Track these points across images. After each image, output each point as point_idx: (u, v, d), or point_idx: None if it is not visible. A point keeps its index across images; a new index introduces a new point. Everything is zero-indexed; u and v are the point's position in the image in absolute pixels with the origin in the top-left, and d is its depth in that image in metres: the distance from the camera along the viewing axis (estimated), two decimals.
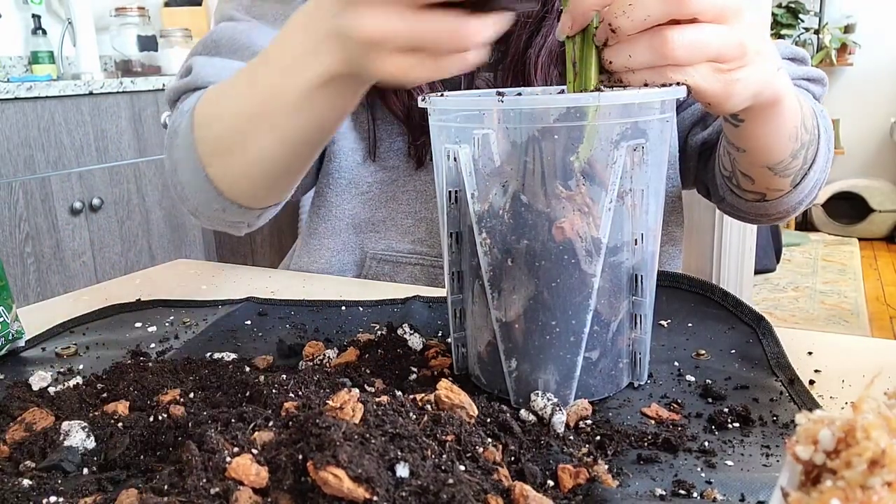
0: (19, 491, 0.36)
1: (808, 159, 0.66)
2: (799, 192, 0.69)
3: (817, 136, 0.66)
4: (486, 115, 0.43)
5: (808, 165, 0.66)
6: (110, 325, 0.63)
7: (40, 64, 2.51)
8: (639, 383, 0.48)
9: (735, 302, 0.60)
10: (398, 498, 0.30)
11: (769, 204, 0.70)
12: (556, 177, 0.42)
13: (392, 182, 0.80)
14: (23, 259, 2.00)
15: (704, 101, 0.49)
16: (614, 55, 0.46)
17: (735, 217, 0.78)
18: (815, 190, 0.71)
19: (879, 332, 2.78)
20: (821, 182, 0.71)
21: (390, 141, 0.78)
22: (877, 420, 0.23)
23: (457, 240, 0.48)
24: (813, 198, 0.72)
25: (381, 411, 0.37)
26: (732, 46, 0.46)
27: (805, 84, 0.75)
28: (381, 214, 0.80)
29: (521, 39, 0.71)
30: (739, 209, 0.75)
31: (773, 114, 0.56)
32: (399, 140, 0.78)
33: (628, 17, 0.44)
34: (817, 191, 0.72)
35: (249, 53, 0.73)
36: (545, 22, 0.71)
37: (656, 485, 0.37)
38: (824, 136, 0.68)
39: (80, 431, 0.41)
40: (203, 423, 0.39)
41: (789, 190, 0.68)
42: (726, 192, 0.74)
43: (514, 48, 0.72)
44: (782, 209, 0.71)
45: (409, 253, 0.80)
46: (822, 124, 0.68)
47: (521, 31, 0.71)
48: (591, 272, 0.43)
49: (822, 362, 0.51)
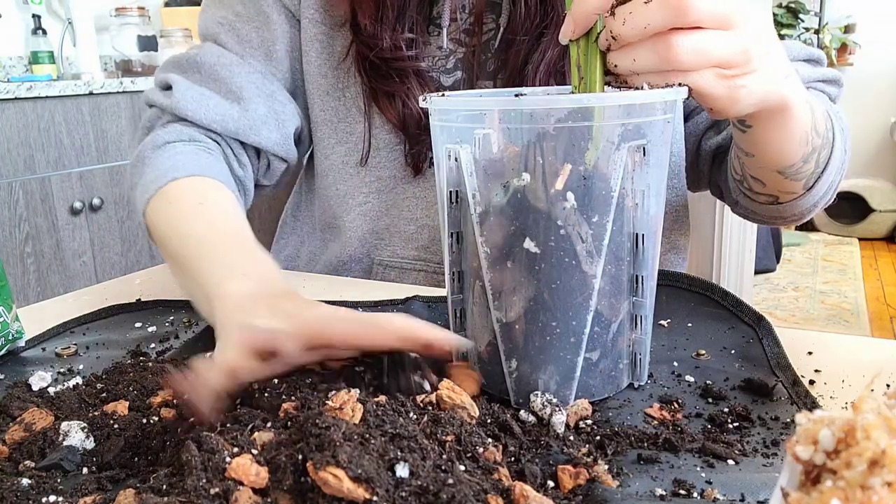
0: (19, 490, 0.36)
1: (821, 162, 0.65)
2: (813, 195, 0.68)
3: (831, 139, 0.65)
4: (488, 115, 0.43)
5: (822, 168, 0.66)
6: (110, 325, 0.63)
7: (40, 64, 2.51)
8: (639, 384, 0.48)
9: (735, 302, 0.60)
10: (398, 498, 0.30)
11: (782, 206, 0.70)
12: (557, 177, 0.42)
13: (391, 190, 0.80)
14: (23, 259, 2.00)
15: (708, 105, 0.49)
16: (619, 59, 0.46)
17: (750, 219, 0.77)
18: (830, 191, 0.70)
19: (879, 332, 2.78)
20: (836, 183, 0.70)
21: (387, 151, 0.78)
22: (877, 420, 0.23)
23: (457, 240, 0.48)
24: (829, 199, 0.71)
25: (381, 411, 0.37)
26: (737, 52, 0.46)
27: (821, 86, 0.74)
28: (384, 223, 0.81)
29: (521, 54, 0.72)
30: (753, 211, 0.74)
31: (781, 120, 0.56)
32: (397, 149, 0.78)
33: (629, 24, 0.44)
34: (833, 192, 0.71)
35: (224, 88, 0.75)
36: (544, 37, 0.71)
37: (656, 485, 0.37)
38: (839, 137, 0.67)
39: (80, 432, 0.41)
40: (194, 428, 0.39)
41: (802, 193, 0.67)
42: (739, 195, 0.73)
43: (513, 61, 0.72)
44: (797, 211, 0.71)
45: (414, 259, 0.80)
46: (838, 126, 0.67)
47: (520, 46, 0.71)
48: (591, 273, 0.43)
49: (822, 362, 0.51)
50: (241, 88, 0.75)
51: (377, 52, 0.73)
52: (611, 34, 0.45)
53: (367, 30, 0.73)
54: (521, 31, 0.71)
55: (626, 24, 0.44)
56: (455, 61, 0.76)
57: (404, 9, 0.73)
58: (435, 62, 0.76)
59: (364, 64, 0.75)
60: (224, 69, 0.76)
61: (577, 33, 0.47)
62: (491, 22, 0.74)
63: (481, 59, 0.75)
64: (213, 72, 0.76)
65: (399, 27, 0.73)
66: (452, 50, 0.75)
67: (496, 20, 0.74)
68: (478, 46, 0.75)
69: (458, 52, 0.76)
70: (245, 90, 0.75)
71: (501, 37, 0.73)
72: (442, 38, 0.74)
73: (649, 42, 0.45)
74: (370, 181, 0.80)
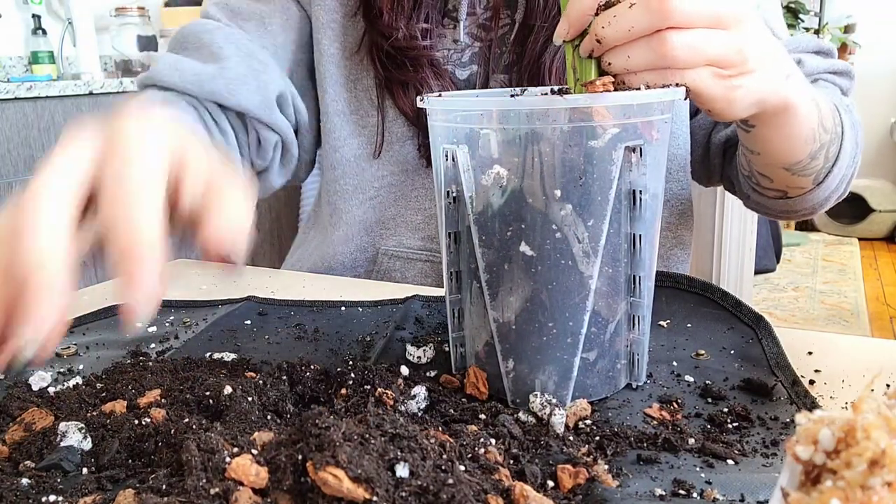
0: (18, 490, 0.36)
1: (831, 158, 0.65)
2: (824, 189, 0.68)
3: (840, 133, 0.65)
4: (485, 115, 0.43)
5: (832, 164, 0.66)
6: (110, 325, 0.63)
7: (40, 64, 2.51)
8: (637, 384, 0.48)
9: (735, 302, 0.60)
10: (398, 498, 0.30)
11: (793, 201, 0.70)
12: (554, 177, 0.42)
13: (401, 183, 0.80)
14: None
15: (705, 106, 0.49)
16: (613, 57, 0.46)
17: (762, 213, 0.78)
18: (843, 184, 0.70)
19: (879, 332, 2.78)
20: (849, 177, 0.70)
21: (400, 144, 0.78)
22: (877, 420, 0.23)
23: (455, 240, 0.48)
24: (842, 192, 0.71)
25: (381, 411, 0.37)
26: (732, 51, 0.46)
27: (831, 77, 0.74)
28: (391, 212, 0.81)
29: (538, 44, 0.72)
30: (765, 206, 0.74)
31: (784, 120, 0.56)
32: (408, 142, 0.78)
33: (613, 27, 0.44)
34: (846, 185, 0.71)
35: (205, 53, 0.73)
36: None
37: (656, 485, 0.37)
38: (850, 132, 0.67)
39: (77, 433, 0.41)
40: (184, 432, 0.39)
41: (812, 188, 0.67)
42: (749, 189, 0.74)
43: (530, 52, 0.72)
44: (808, 205, 0.71)
45: (420, 249, 0.80)
46: (848, 120, 0.67)
47: (538, 36, 0.72)
48: (588, 274, 0.43)
49: (822, 362, 0.51)
50: (221, 49, 0.73)
51: (392, 42, 0.73)
52: (595, 37, 0.45)
53: (383, 18, 0.73)
54: (538, 23, 0.72)
55: (610, 26, 0.45)
56: (471, 55, 0.76)
57: None
58: (450, 55, 0.76)
59: (378, 53, 0.75)
60: (207, 35, 0.75)
61: (572, 34, 0.47)
62: (506, 17, 0.75)
63: (496, 52, 0.75)
64: (195, 39, 0.75)
65: (415, 16, 0.74)
66: (468, 44, 0.76)
67: (511, 15, 0.74)
68: (494, 40, 0.75)
69: (475, 47, 0.76)
70: (224, 50, 0.73)
71: (518, 30, 0.74)
72: (459, 31, 0.75)
73: (643, 40, 0.45)
74: (382, 175, 0.80)
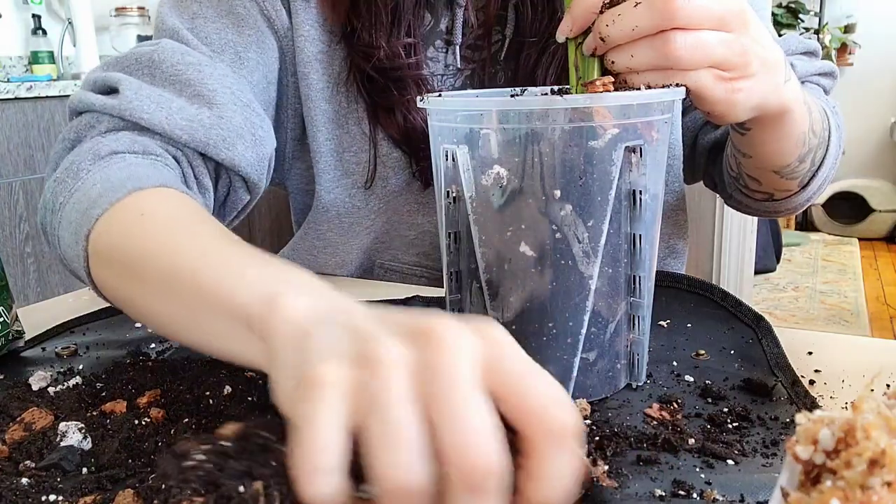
0: (18, 489, 0.36)
1: (817, 161, 0.66)
2: (807, 192, 0.70)
3: (827, 137, 0.66)
4: (485, 115, 0.43)
5: (817, 167, 0.67)
6: (110, 325, 0.63)
7: (40, 64, 2.51)
8: (637, 384, 0.48)
9: (735, 302, 0.60)
10: None
11: (777, 203, 0.72)
12: (554, 177, 0.42)
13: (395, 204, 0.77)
14: (23, 259, 2.00)
15: (706, 108, 0.49)
16: (616, 55, 0.46)
17: (744, 212, 0.79)
18: (823, 186, 0.72)
19: (879, 332, 2.78)
20: (829, 179, 0.71)
21: (394, 172, 0.74)
22: (877, 420, 0.23)
23: (455, 240, 0.48)
24: (821, 192, 0.73)
25: None
26: (735, 54, 0.46)
27: (817, 79, 0.75)
28: (384, 228, 0.79)
29: (531, 59, 0.71)
30: (748, 206, 0.76)
31: (779, 123, 0.57)
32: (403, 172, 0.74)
33: (617, 26, 0.44)
34: (825, 187, 0.73)
35: (190, 91, 0.61)
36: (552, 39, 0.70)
37: (656, 486, 0.37)
38: (835, 134, 0.68)
39: (77, 432, 0.41)
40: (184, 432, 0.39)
41: (797, 190, 0.69)
42: (734, 190, 0.75)
43: (524, 67, 0.71)
44: (791, 206, 0.73)
45: (414, 265, 0.80)
46: (834, 122, 0.68)
47: (531, 51, 0.71)
48: (588, 274, 0.43)
49: (822, 362, 0.51)
50: (214, 92, 0.62)
51: (374, 63, 0.68)
52: (599, 36, 0.45)
53: (361, 37, 0.68)
54: (529, 36, 0.70)
55: (614, 24, 0.44)
56: (463, 79, 0.74)
57: (398, 11, 0.68)
58: (444, 81, 0.73)
59: (362, 78, 0.70)
60: (190, 69, 0.62)
61: (576, 32, 0.47)
62: (497, 34, 0.73)
63: (491, 72, 0.73)
64: (175, 72, 0.62)
65: (395, 31, 0.68)
66: (459, 68, 0.73)
67: (501, 31, 0.72)
68: (487, 60, 0.73)
69: (466, 70, 0.73)
70: (218, 95, 0.62)
71: (508, 47, 0.72)
72: (455, 55, 0.72)
73: (647, 39, 0.45)
74: (377, 207, 0.76)
